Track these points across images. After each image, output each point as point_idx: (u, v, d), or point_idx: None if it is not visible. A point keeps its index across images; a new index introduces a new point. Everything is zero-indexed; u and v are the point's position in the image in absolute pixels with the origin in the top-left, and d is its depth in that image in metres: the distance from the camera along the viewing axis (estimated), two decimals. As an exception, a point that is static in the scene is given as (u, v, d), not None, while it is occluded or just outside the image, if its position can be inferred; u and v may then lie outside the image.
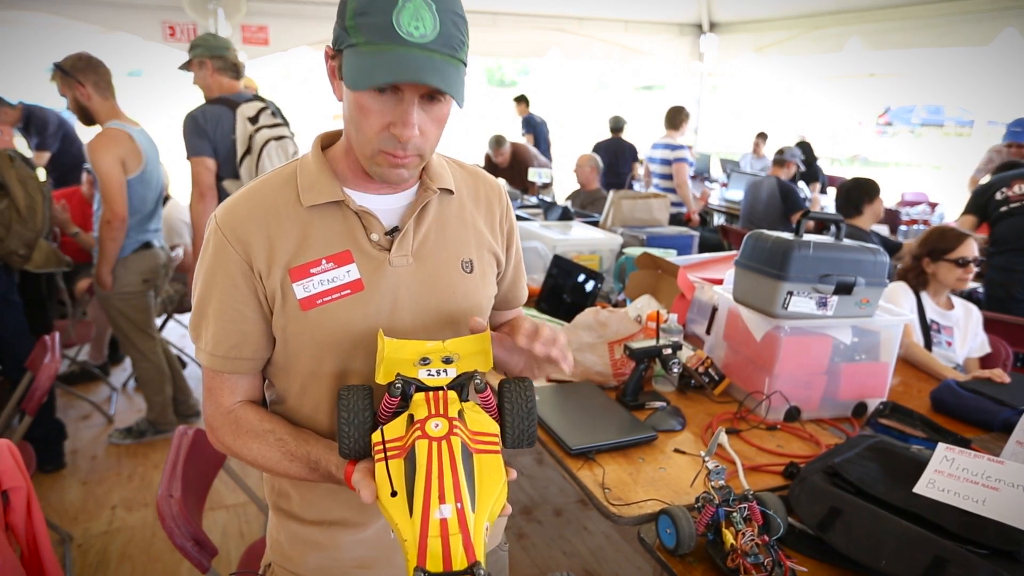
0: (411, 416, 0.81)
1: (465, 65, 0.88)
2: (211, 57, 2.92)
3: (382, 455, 0.77)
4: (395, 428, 0.81)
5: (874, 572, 1.17)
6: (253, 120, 2.91)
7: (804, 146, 7.12)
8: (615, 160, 6.64)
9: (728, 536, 1.18)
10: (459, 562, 0.68)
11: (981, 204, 3.65)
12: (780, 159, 5.18)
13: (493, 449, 0.79)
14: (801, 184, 5.11)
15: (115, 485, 2.97)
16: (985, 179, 4.16)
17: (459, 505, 0.71)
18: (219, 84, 2.96)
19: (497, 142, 6.22)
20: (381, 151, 0.89)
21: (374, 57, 0.82)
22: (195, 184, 2.89)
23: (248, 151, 2.89)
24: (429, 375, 0.85)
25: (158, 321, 3.61)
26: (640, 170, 6.40)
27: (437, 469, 0.73)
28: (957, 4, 4.96)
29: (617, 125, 7.03)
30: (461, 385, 0.85)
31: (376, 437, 0.80)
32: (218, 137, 2.86)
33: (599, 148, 6.84)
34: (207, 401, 1.02)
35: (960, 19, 4.97)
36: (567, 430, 1.62)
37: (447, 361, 0.87)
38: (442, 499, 0.70)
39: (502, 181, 1.53)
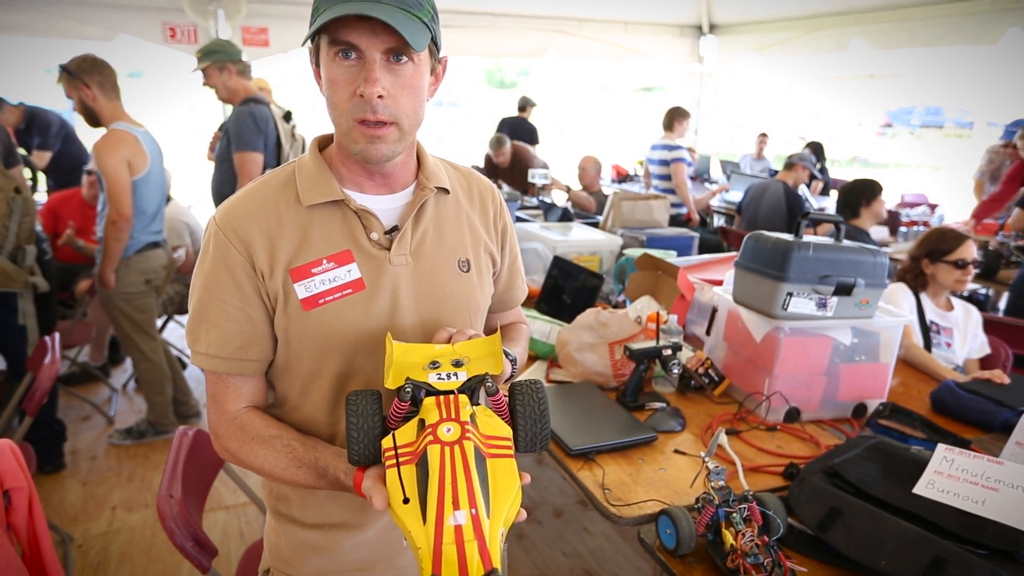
0: (422, 421, 0.79)
1: (426, 25, 0.89)
2: (232, 61, 3.13)
3: (393, 461, 0.75)
4: (405, 433, 0.79)
5: (874, 572, 1.17)
6: (285, 119, 3.33)
7: (815, 147, 7.02)
8: (513, 136, 6.95)
9: (728, 536, 1.18)
10: (475, 570, 0.66)
11: None
12: (789, 163, 4.94)
13: (506, 453, 0.77)
14: (803, 189, 4.94)
15: (115, 486, 2.97)
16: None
17: (474, 511, 0.69)
18: (243, 87, 3.19)
19: (498, 142, 6.22)
20: (355, 122, 0.90)
21: (327, 11, 0.85)
22: (245, 176, 3.10)
23: (292, 146, 3.26)
24: (439, 379, 0.83)
25: (159, 322, 3.61)
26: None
27: (450, 474, 0.71)
28: (959, 4, 4.95)
29: (523, 104, 7.47)
30: (472, 389, 0.84)
31: (387, 443, 0.78)
32: (267, 133, 3.15)
33: (503, 124, 7.22)
34: (211, 408, 1.01)
35: (963, 19, 4.96)
36: (567, 431, 1.62)
37: (457, 364, 0.86)
38: (456, 505, 0.69)
39: (503, 182, 1.54)
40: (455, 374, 0.84)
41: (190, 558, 1.37)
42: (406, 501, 0.72)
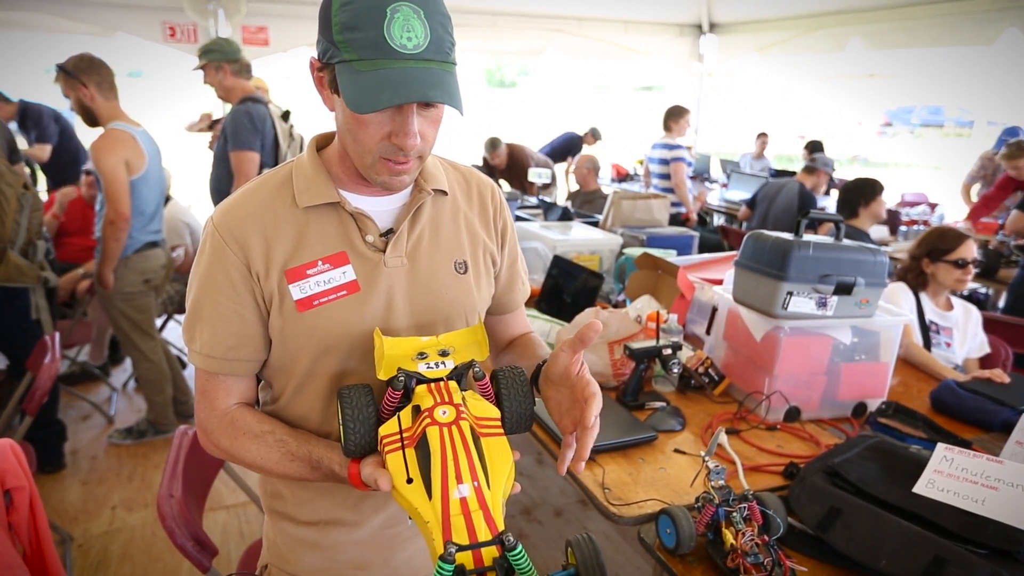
0: (416, 407, 0.83)
1: (456, 65, 0.88)
2: (228, 61, 3.12)
3: (397, 444, 0.79)
4: (403, 420, 0.83)
5: (874, 572, 1.17)
6: (283, 118, 3.25)
7: (815, 146, 7.03)
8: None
9: (728, 536, 1.18)
10: (483, 535, 0.71)
11: None
12: (811, 167, 4.92)
13: (498, 432, 0.82)
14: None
15: (115, 485, 2.97)
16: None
17: (476, 483, 0.74)
18: (240, 86, 3.18)
19: (492, 144, 6.21)
20: (382, 159, 0.90)
21: (373, 76, 0.81)
22: (241, 175, 3.09)
23: (289, 145, 3.25)
24: (428, 368, 0.87)
25: (158, 321, 3.61)
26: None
27: (451, 452, 0.76)
28: (958, 4, 4.95)
29: (589, 132, 7.83)
30: (460, 375, 0.88)
31: (385, 429, 0.82)
32: (265, 132, 3.14)
33: (564, 136, 7.63)
34: (200, 404, 1.01)
35: (961, 19, 4.97)
36: (567, 430, 1.62)
37: (443, 354, 0.90)
38: (459, 479, 0.74)
39: (502, 182, 1.53)
40: (443, 363, 0.88)
41: (190, 558, 1.37)
42: (410, 481, 0.76)
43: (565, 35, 6.73)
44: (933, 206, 6.06)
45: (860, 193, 3.34)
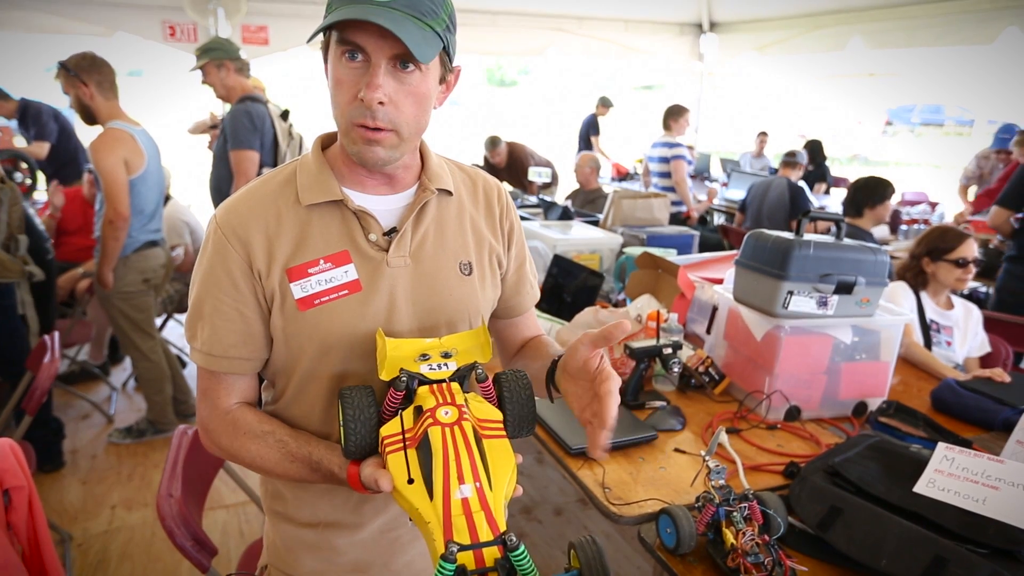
0: (418, 408, 0.82)
1: (438, 35, 0.88)
2: (230, 59, 3.13)
3: (399, 445, 0.79)
4: (405, 421, 0.82)
5: (874, 571, 1.17)
6: (282, 117, 3.25)
7: (814, 145, 7.10)
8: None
9: (728, 536, 1.18)
10: (485, 535, 0.70)
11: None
12: (793, 161, 5.12)
13: (500, 434, 0.82)
14: (801, 183, 5.09)
15: (115, 485, 2.97)
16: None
17: (478, 484, 0.73)
18: (241, 85, 3.19)
19: (492, 143, 6.22)
20: (354, 124, 0.89)
21: (334, 13, 0.85)
22: (241, 174, 3.10)
23: (289, 144, 3.26)
24: (431, 369, 0.86)
25: (158, 321, 3.61)
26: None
27: (453, 452, 0.75)
28: (958, 3, 4.95)
29: (600, 103, 7.90)
30: (462, 377, 0.87)
31: (387, 430, 0.82)
32: (264, 132, 3.14)
33: (585, 122, 7.70)
34: (202, 403, 1.00)
35: (961, 18, 4.96)
36: (567, 430, 1.62)
37: (446, 356, 0.89)
38: (461, 480, 0.73)
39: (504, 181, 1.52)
40: (445, 364, 0.87)
41: (190, 557, 1.37)
42: (411, 481, 0.75)
43: (565, 34, 6.72)
44: (933, 205, 6.07)
45: (870, 194, 3.29)
